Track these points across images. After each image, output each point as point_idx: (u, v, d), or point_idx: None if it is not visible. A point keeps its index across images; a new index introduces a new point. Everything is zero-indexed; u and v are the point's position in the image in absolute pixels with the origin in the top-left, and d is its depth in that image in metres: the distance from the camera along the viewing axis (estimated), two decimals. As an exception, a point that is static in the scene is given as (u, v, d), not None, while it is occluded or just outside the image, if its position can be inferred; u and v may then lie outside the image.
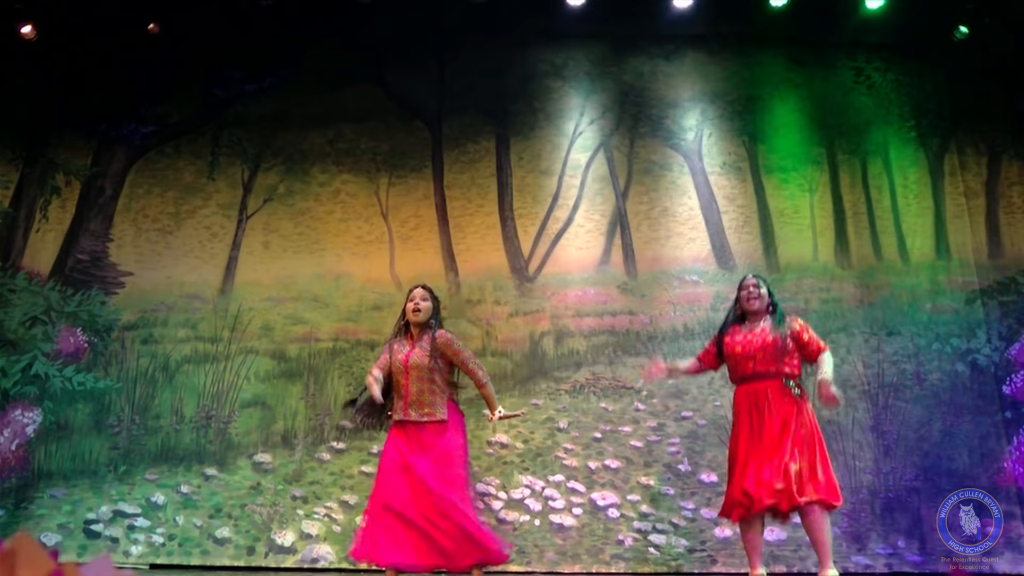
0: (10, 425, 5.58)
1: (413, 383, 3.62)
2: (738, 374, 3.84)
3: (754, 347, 3.76)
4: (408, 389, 3.62)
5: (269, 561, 5.23)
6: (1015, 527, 5.13)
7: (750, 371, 3.76)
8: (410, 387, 3.61)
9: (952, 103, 6.30)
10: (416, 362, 3.63)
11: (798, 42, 6.53)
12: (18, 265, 6.11)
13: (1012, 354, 5.58)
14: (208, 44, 6.58)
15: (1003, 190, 6.10)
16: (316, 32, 6.58)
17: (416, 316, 3.74)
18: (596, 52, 6.60)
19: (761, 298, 3.87)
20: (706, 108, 6.47)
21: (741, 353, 3.80)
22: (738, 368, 3.82)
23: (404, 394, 3.62)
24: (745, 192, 6.22)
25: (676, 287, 5.97)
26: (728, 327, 3.94)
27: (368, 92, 6.56)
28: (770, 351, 3.72)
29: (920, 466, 5.33)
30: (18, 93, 6.43)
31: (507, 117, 6.48)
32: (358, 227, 6.21)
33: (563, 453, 5.52)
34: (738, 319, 3.94)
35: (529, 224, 6.18)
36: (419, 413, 3.59)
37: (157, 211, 6.31)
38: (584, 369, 5.78)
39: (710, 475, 5.37)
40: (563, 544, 5.23)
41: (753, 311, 3.86)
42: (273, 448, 5.61)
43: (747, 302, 3.88)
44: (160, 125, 6.54)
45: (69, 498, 5.44)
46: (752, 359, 3.75)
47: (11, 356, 5.75)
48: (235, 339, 5.90)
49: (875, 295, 5.86)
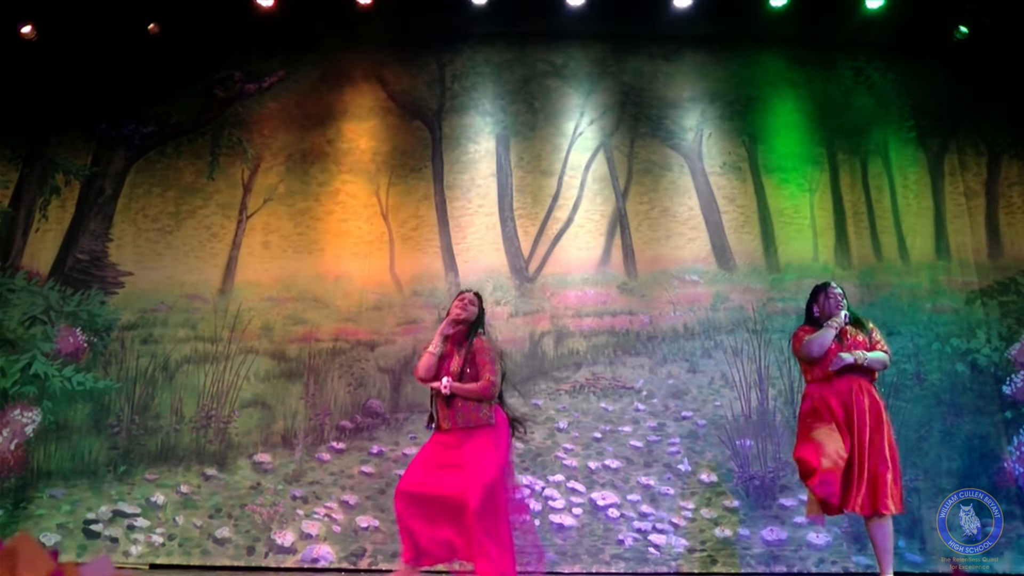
0: (9, 425, 5.57)
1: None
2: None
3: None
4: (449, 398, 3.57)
5: (269, 561, 5.23)
6: (1015, 527, 5.12)
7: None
8: (450, 395, 3.56)
9: (952, 103, 6.30)
10: (455, 370, 3.59)
11: (798, 42, 6.54)
12: (17, 265, 6.10)
13: (1012, 354, 5.58)
14: (208, 44, 6.59)
15: (1003, 190, 6.10)
16: (316, 32, 6.59)
17: (459, 316, 3.68)
18: (596, 52, 6.60)
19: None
20: (706, 108, 6.47)
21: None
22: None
23: (447, 403, 3.57)
24: (745, 192, 6.22)
25: (676, 287, 5.97)
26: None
27: (368, 92, 6.56)
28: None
29: (920, 466, 5.33)
30: (18, 93, 6.43)
31: (507, 117, 6.48)
32: (358, 227, 6.21)
33: (563, 453, 5.52)
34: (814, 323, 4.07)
35: (529, 224, 6.18)
36: (465, 421, 3.54)
37: (157, 211, 6.31)
38: (584, 369, 5.77)
39: (710, 475, 5.37)
40: (563, 544, 5.23)
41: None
42: (273, 448, 5.60)
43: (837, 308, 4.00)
44: (160, 125, 6.54)
45: (68, 498, 5.44)
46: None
47: (10, 356, 5.75)
48: (235, 339, 5.89)
49: (875, 295, 5.86)
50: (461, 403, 3.54)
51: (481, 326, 3.74)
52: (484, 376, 3.56)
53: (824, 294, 4.07)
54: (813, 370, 3.96)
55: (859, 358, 3.85)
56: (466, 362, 3.59)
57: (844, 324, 3.95)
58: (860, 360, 3.85)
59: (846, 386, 3.85)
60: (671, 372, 5.73)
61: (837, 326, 3.92)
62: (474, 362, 3.59)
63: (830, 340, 3.90)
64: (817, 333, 3.93)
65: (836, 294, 4.03)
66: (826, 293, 4.06)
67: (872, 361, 3.89)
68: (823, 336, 3.90)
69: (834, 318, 3.94)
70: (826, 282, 4.18)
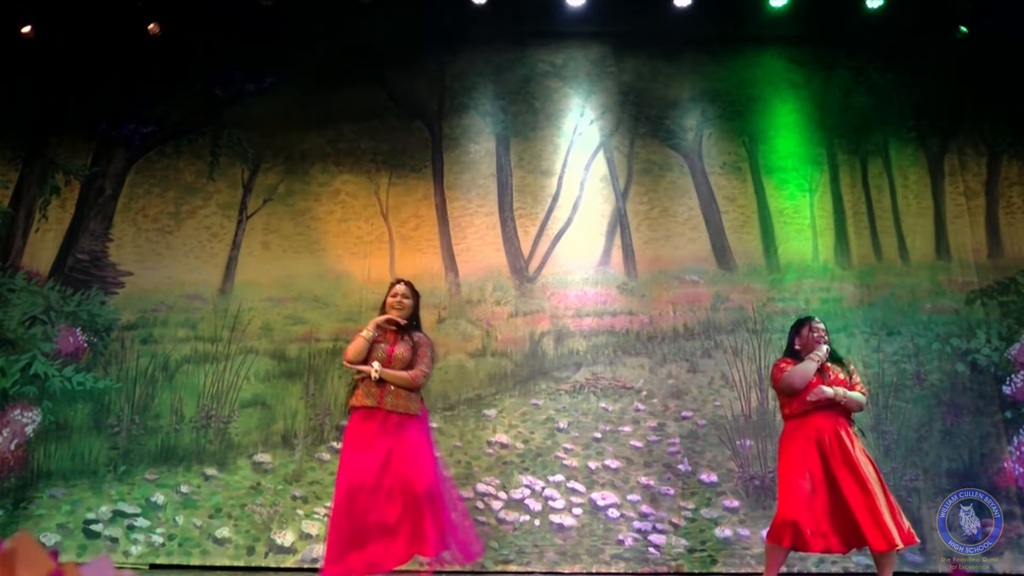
0: (9, 425, 5.57)
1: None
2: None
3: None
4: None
5: (269, 561, 5.23)
6: (1015, 527, 5.12)
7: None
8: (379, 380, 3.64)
9: (952, 103, 6.30)
10: (400, 355, 3.68)
11: (798, 42, 6.53)
12: (17, 265, 6.10)
13: (1012, 354, 5.58)
14: (208, 44, 6.59)
15: (1003, 190, 6.10)
16: (316, 32, 6.58)
17: (398, 317, 3.77)
18: (596, 52, 6.60)
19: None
20: (706, 108, 6.47)
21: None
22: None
23: (377, 384, 3.62)
24: (745, 192, 6.22)
25: (676, 287, 5.97)
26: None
27: (368, 92, 6.56)
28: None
29: (920, 466, 5.33)
30: (18, 93, 6.43)
31: (507, 117, 6.48)
32: (358, 227, 6.21)
33: (563, 453, 5.52)
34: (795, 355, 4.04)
35: (529, 224, 6.18)
36: (394, 404, 3.60)
37: (157, 211, 6.31)
38: (584, 369, 5.77)
39: (710, 475, 5.37)
40: (563, 544, 5.23)
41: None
42: (273, 448, 5.60)
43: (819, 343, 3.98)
44: (160, 125, 6.54)
45: (68, 498, 5.44)
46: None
47: (10, 356, 5.75)
48: (235, 339, 5.89)
49: (875, 295, 5.86)
50: (392, 387, 3.63)
51: (417, 315, 3.86)
52: (418, 366, 3.69)
53: (808, 327, 4.03)
54: (791, 403, 3.90)
55: (839, 394, 3.81)
56: (411, 351, 3.71)
57: (825, 359, 3.92)
58: (840, 397, 3.81)
59: (823, 422, 3.80)
60: (671, 372, 5.73)
61: (819, 360, 3.89)
62: (415, 352, 3.71)
63: (812, 373, 3.86)
64: (799, 365, 3.89)
65: (820, 328, 4.00)
66: (810, 326, 4.03)
67: (851, 400, 3.85)
68: (805, 368, 3.86)
69: (816, 351, 3.92)
70: (809, 316, 4.17)
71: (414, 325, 3.85)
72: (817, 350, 3.93)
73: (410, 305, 3.81)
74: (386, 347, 3.70)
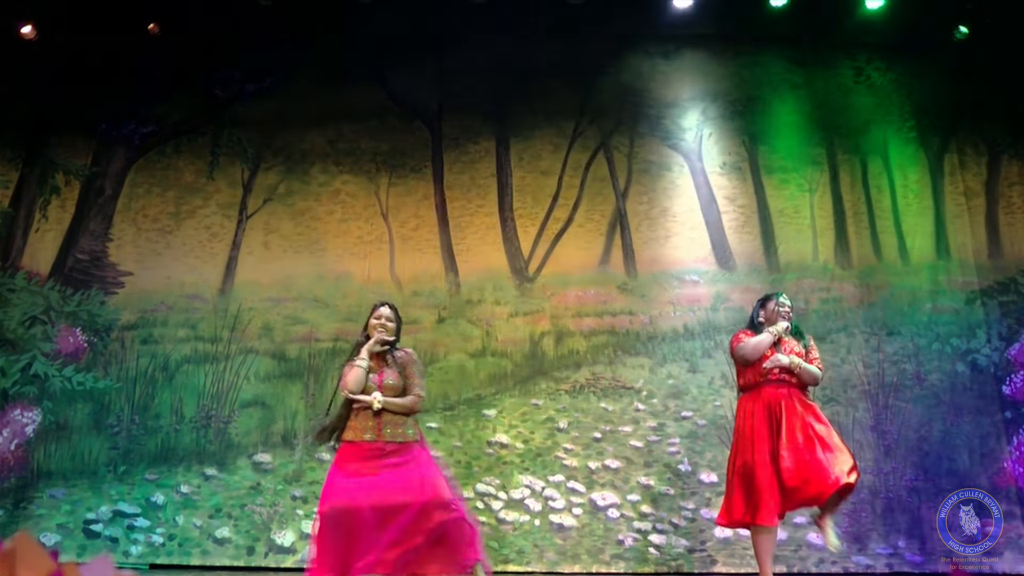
0: (9, 425, 5.57)
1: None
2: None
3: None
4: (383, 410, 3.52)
5: (269, 561, 5.23)
6: (1015, 527, 5.12)
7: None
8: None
9: (952, 103, 6.29)
10: (391, 383, 3.55)
11: (798, 42, 6.52)
12: (18, 265, 6.10)
13: (1012, 354, 5.58)
14: (208, 44, 6.58)
15: (1003, 190, 6.10)
16: (316, 32, 6.58)
17: (385, 338, 3.64)
18: (596, 52, 6.59)
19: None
20: (706, 108, 6.47)
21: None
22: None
23: (373, 415, 3.49)
24: (745, 192, 6.22)
25: (676, 287, 5.97)
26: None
27: (368, 92, 6.55)
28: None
29: (920, 466, 5.33)
30: (18, 93, 6.43)
31: (507, 117, 6.48)
32: (358, 227, 6.21)
33: (563, 453, 5.52)
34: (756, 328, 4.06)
35: (529, 224, 6.18)
36: (393, 434, 3.49)
37: (157, 211, 6.31)
38: (584, 369, 5.78)
39: (710, 475, 5.37)
40: (563, 544, 5.23)
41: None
42: (273, 448, 5.61)
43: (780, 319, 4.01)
44: (160, 125, 6.54)
45: (68, 498, 5.44)
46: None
47: (10, 356, 5.75)
48: (235, 339, 5.89)
49: (875, 295, 5.86)
50: (389, 416, 3.50)
51: (399, 337, 3.74)
52: (413, 391, 3.57)
53: (774, 302, 4.07)
54: (746, 373, 3.94)
55: (794, 363, 3.85)
56: (399, 375, 3.58)
57: (783, 334, 3.94)
58: (794, 365, 3.85)
59: (775, 395, 3.83)
60: (671, 372, 5.73)
61: (776, 334, 3.92)
62: (404, 374, 3.59)
63: (767, 345, 3.89)
64: (756, 337, 3.93)
65: (785, 305, 4.04)
66: (776, 301, 4.06)
67: (804, 371, 3.88)
68: (760, 340, 3.90)
69: (775, 325, 3.95)
70: (777, 292, 4.21)
71: (396, 344, 3.71)
72: (777, 325, 3.95)
73: (393, 328, 3.69)
74: (375, 376, 3.57)
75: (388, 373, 3.59)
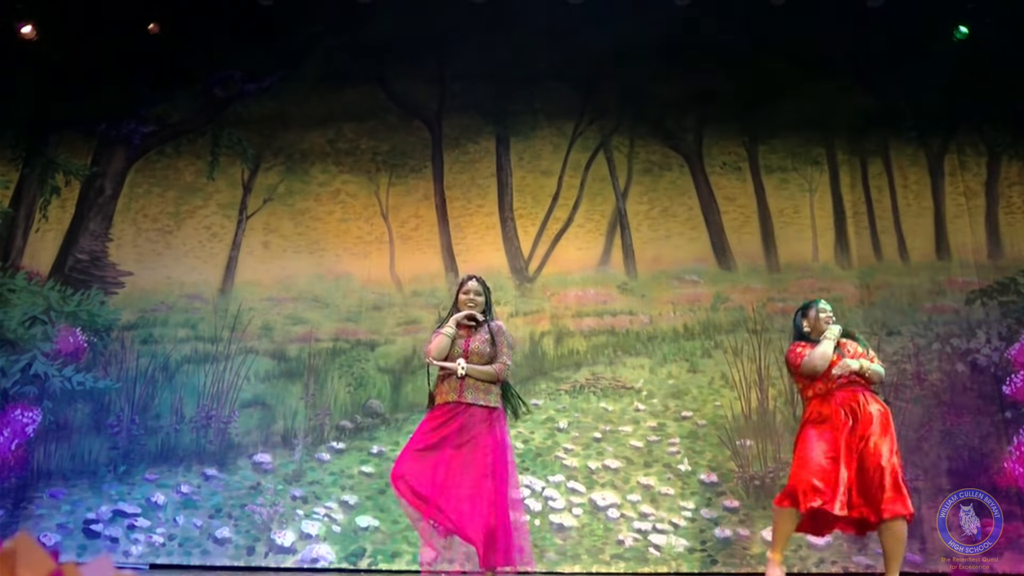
0: (10, 425, 5.57)
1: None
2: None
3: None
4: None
5: (269, 561, 5.23)
6: (1015, 527, 5.12)
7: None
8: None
9: (952, 103, 6.29)
10: (477, 348, 3.72)
11: (798, 42, 6.52)
12: (18, 265, 6.11)
13: (1012, 354, 5.57)
14: (208, 44, 6.58)
15: (1003, 190, 6.09)
16: (316, 32, 6.58)
17: (474, 314, 3.81)
18: (596, 52, 6.59)
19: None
20: (706, 108, 6.46)
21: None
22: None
23: (462, 379, 3.67)
24: (745, 192, 6.22)
25: (676, 287, 5.97)
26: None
27: (368, 92, 6.55)
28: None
29: (920, 466, 5.33)
30: (18, 93, 6.43)
31: (507, 117, 6.48)
32: (358, 227, 6.21)
33: (563, 453, 5.52)
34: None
35: (529, 224, 6.18)
36: (474, 397, 3.65)
37: (157, 211, 6.32)
38: (584, 369, 5.78)
39: (710, 475, 5.37)
40: (563, 544, 5.23)
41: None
42: (273, 448, 5.61)
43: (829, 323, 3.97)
44: (160, 125, 6.54)
45: (69, 498, 5.44)
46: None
47: (11, 356, 5.75)
48: (235, 339, 5.90)
49: (875, 295, 5.86)
50: (472, 381, 3.67)
51: (491, 308, 3.93)
52: (500, 359, 3.74)
53: (815, 309, 4.03)
54: (815, 384, 3.86)
55: (864, 367, 3.81)
56: (488, 342, 3.75)
57: (840, 336, 3.92)
58: (865, 369, 3.81)
59: (851, 395, 3.78)
60: (671, 372, 5.73)
61: (835, 338, 3.88)
62: (493, 343, 3.75)
63: (831, 351, 3.83)
64: (818, 347, 3.85)
65: (827, 310, 4.01)
66: (817, 308, 4.03)
67: (873, 372, 3.86)
68: (824, 349, 3.83)
69: (830, 329, 3.91)
70: (814, 299, 4.15)
71: (488, 317, 3.89)
72: (830, 329, 3.92)
73: (482, 301, 3.87)
74: (461, 342, 3.74)
75: (475, 340, 3.76)
